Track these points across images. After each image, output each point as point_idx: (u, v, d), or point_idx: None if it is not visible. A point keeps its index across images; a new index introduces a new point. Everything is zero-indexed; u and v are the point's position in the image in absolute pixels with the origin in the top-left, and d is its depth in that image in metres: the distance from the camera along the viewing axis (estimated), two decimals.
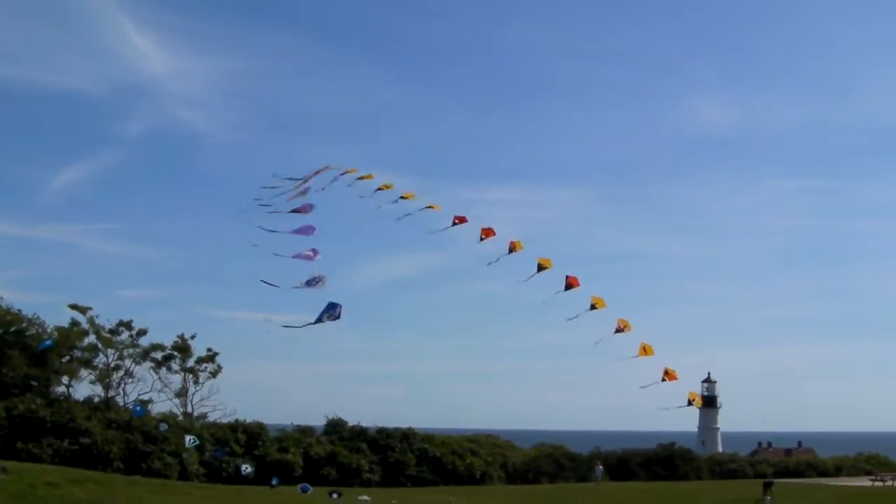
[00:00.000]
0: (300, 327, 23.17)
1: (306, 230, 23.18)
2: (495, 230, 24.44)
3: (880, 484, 66.53)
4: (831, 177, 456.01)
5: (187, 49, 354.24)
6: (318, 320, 22.83)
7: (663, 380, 23.19)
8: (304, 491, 53.92)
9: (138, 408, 43.06)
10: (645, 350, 22.93)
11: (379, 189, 24.95)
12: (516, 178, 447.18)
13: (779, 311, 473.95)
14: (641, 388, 22.77)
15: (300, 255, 22.84)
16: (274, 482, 56.24)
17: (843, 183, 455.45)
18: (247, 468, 57.25)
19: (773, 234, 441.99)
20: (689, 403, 24.10)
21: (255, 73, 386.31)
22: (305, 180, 26.05)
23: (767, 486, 55.40)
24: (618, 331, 23.12)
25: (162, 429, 57.38)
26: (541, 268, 23.98)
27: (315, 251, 22.87)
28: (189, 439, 54.65)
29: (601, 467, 70.98)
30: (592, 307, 23.29)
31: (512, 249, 24.35)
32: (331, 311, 22.67)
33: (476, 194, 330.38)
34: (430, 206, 24.24)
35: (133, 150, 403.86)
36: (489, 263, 23.95)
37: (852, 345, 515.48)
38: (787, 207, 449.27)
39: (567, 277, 23.75)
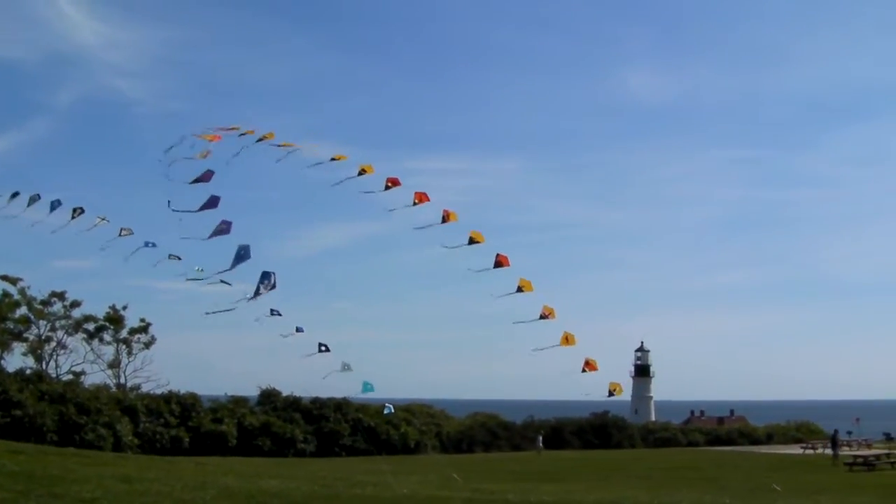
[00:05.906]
0: (229, 310, 22.91)
1: (212, 202, 22.59)
2: (429, 196, 24.18)
3: (811, 451, 68.14)
4: (764, 147, 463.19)
5: (120, 17, 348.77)
6: (256, 293, 22.51)
7: (584, 370, 23.34)
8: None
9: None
10: (567, 340, 22.99)
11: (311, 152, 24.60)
12: (453, 148, 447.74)
13: (712, 279, 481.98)
14: (563, 374, 22.95)
15: (216, 233, 22.40)
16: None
17: (776, 153, 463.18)
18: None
19: (707, 204, 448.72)
20: (610, 394, 24.30)
21: (190, 41, 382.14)
22: (209, 140, 25.04)
23: (835, 442, 57.14)
24: (542, 317, 23.14)
25: None
26: (472, 241, 23.79)
27: (228, 222, 22.45)
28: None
29: (541, 436, 72.14)
30: (519, 289, 23.25)
31: (445, 219, 24.08)
32: (266, 281, 22.37)
33: (414, 164, 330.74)
34: (364, 170, 24.02)
35: (64, 119, 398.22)
36: (419, 228, 23.66)
37: (785, 314, 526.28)
38: (721, 177, 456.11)
39: (497, 255, 23.61)
